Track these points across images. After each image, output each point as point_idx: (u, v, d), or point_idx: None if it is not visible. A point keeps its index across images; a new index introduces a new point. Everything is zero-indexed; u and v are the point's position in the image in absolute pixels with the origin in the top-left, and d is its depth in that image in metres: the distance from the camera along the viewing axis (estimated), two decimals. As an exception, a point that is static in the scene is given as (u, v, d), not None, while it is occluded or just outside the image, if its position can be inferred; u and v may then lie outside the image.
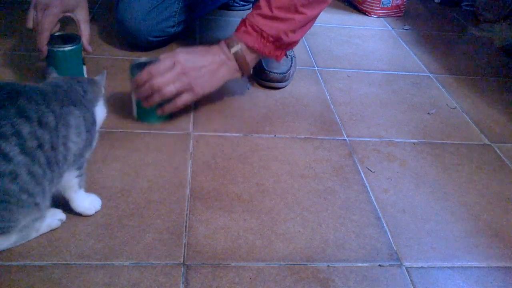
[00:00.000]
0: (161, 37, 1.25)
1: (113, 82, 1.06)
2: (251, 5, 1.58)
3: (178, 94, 0.92)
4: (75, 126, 0.66)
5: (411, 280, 0.71)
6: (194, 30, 1.42)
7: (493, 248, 0.78)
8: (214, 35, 1.42)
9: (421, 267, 0.74)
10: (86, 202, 0.74)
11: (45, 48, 0.97)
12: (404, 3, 1.76)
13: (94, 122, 0.73)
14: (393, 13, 1.75)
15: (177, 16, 1.25)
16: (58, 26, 1.02)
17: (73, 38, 1.01)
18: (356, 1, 1.78)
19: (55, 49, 0.98)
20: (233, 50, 0.95)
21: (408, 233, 0.79)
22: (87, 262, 0.67)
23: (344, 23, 1.64)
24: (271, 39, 0.95)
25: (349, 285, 0.69)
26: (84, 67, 1.05)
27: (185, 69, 0.91)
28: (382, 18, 1.73)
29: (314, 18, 1.00)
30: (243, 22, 0.97)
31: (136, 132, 0.95)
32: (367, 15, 1.74)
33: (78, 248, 0.69)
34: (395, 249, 0.76)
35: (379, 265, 0.73)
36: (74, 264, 0.67)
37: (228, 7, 1.59)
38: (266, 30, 0.94)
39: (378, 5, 1.71)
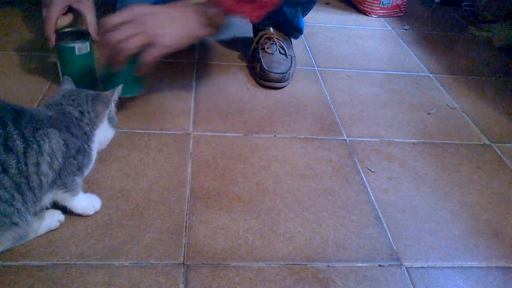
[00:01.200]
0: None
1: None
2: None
3: (143, 49, 0.85)
4: (48, 153, 0.63)
5: (411, 280, 0.71)
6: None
7: (493, 248, 0.78)
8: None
9: (421, 267, 0.74)
10: (85, 202, 0.74)
11: (52, 36, 0.96)
12: (404, 3, 1.76)
13: (82, 149, 0.69)
14: (393, 13, 1.75)
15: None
16: (68, 20, 1.01)
17: (83, 34, 0.99)
18: (356, 1, 1.78)
19: (63, 44, 0.96)
20: (193, 1, 0.87)
21: (408, 233, 0.79)
22: (87, 262, 0.67)
23: (344, 23, 1.64)
24: None
25: (349, 285, 0.69)
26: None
27: (140, 17, 0.84)
28: (382, 18, 1.73)
29: None
30: None
31: (136, 132, 0.95)
32: (367, 15, 1.74)
33: (78, 248, 0.69)
34: (395, 249, 0.76)
35: (379, 265, 0.73)
36: (74, 264, 0.67)
37: (228, 7, 1.58)
38: None
39: (378, 5, 1.71)
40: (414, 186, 0.90)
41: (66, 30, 1.00)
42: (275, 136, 1.00)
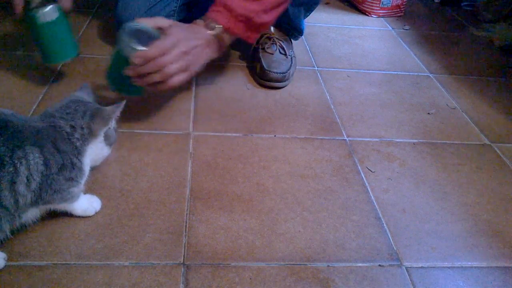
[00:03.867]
0: (161, 36, 1.25)
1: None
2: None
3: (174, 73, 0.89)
4: (25, 174, 0.61)
5: (411, 280, 0.71)
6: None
7: (493, 248, 0.78)
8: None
9: (421, 267, 0.74)
10: (85, 205, 0.74)
11: (18, 2, 0.90)
12: (404, 3, 1.76)
13: (68, 164, 0.67)
14: (393, 13, 1.75)
15: (175, 15, 1.25)
16: None
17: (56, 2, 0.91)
18: (356, 1, 1.78)
19: (32, 13, 0.88)
20: (214, 32, 0.93)
21: (408, 233, 0.79)
22: (87, 262, 0.67)
23: (344, 23, 1.64)
24: (241, 18, 0.93)
25: (349, 285, 0.69)
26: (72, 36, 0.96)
27: (188, 48, 0.88)
28: (382, 18, 1.73)
29: (285, 2, 0.98)
30: (215, 2, 0.94)
31: (136, 132, 0.95)
32: (367, 15, 1.74)
33: (78, 248, 0.69)
34: (395, 249, 0.76)
35: (379, 265, 0.73)
36: (74, 264, 0.67)
37: (228, 7, 1.58)
38: (238, 10, 0.93)
39: (378, 5, 1.71)
40: (414, 186, 0.90)
41: None
42: (275, 136, 1.00)
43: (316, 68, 1.30)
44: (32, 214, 0.67)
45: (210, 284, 0.66)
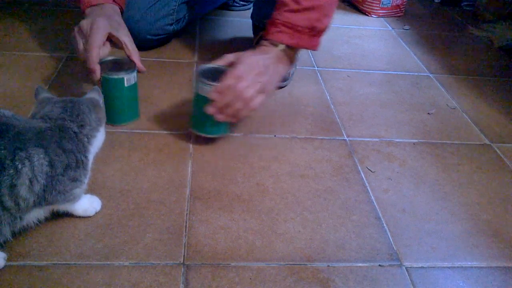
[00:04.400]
0: (160, 35, 1.25)
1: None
2: (251, 5, 1.58)
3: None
4: (28, 176, 0.61)
5: (411, 280, 0.71)
6: (194, 30, 1.42)
7: (493, 248, 0.78)
8: (214, 35, 1.42)
9: (421, 267, 0.74)
10: (86, 205, 0.74)
11: (97, 67, 0.88)
12: (404, 3, 1.76)
13: (74, 162, 0.67)
14: (393, 13, 1.75)
15: (175, 14, 1.25)
16: (107, 50, 0.93)
17: (125, 64, 0.92)
18: (356, 1, 1.78)
19: (111, 77, 0.89)
20: (280, 47, 0.93)
21: (408, 233, 0.79)
22: (87, 262, 0.67)
23: (344, 23, 1.64)
24: (306, 30, 0.92)
25: (349, 285, 0.69)
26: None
27: (261, 68, 0.87)
28: (382, 18, 1.73)
29: None
30: (272, 23, 0.93)
31: (136, 132, 0.95)
32: (367, 15, 1.74)
33: (78, 248, 0.69)
34: (395, 249, 0.76)
35: (379, 265, 0.73)
36: (74, 264, 0.67)
37: (228, 7, 1.59)
38: (300, 24, 0.91)
39: (378, 5, 1.71)
40: (414, 186, 0.90)
41: (108, 59, 0.93)
42: (275, 136, 1.00)
43: (316, 68, 1.30)
44: (34, 215, 0.67)
45: (210, 284, 0.66)
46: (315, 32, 0.94)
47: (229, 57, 0.90)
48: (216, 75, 0.86)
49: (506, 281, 0.73)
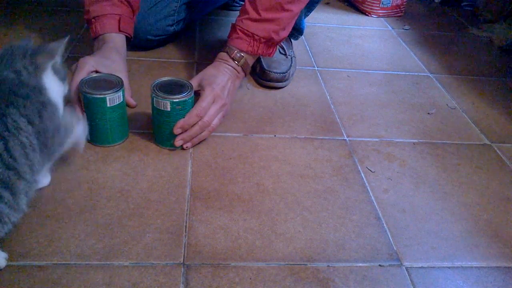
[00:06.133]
0: (160, 36, 1.25)
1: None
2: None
3: None
4: (25, 137, 0.62)
5: (411, 280, 0.71)
6: (194, 30, 1.42)
7: (493, 248, 0.78)
8: (214, 35, 1.42)
9: (421, 267, 0.74)
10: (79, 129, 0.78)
11: (78, 105, 0.88)
12: (404, 3, 1.76)
13: (41, 110, 0.66)
14: (393, 13, 1.75)
15: (176, 15, 1.25)
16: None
17: (114, 82, 0.87)
18: (356, 1, 1.78)
19: (91, 96, 0.83)
20: (241, 62, 0.99)
21: (408, 233, 0.79)
22: (87, 262, 0.67)
23: (344, 23, 1.64)
24: (263, 40, 0.98)
25: (349, 285, 0.69)
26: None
27: (224, 100, 0.94)
28: (382, 18, 1.73)
29: (299, 12, 1.02)
30: (234, 28, 1.00)
31: (136, 132, 0.95)
32: (367, 15, 1.74)
33: (78, 248, 0.69)
34: (395, 249, 0.76)
35: (379, 265, 0.73)
36: (74, 264, 0.67)
37: (228, 7, 1.59)
38: (258, 33, 0.97)
39: (378, 5, 1.71)
40: (414, 186, 0.90)
41: (96, 76, 0.89)
42: (275, 136, 1.00)
43: (316, 68, 1.30)
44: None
45: (210, 284, 0.66)
46: (271, 43, 1.00)
47: (193, 82, 0.93)
48: (171, 88, 0.88)
49: (506, 281, 0.73)
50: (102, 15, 1.02)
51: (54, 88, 0.71)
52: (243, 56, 0.99)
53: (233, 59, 0.99)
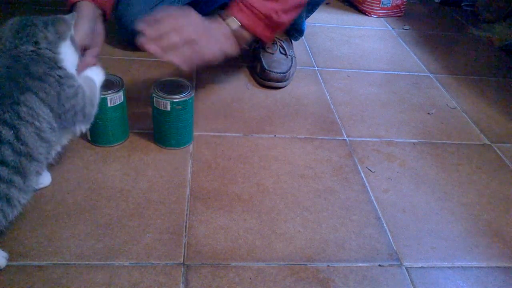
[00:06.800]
0: (161, 37, 1.25)
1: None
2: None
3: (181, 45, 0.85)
4: (39, 122, 0.63)
5: (411, 280, 0.71)
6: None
7: (493, 248, 0.78)
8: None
9: (421, 267, 0.74)
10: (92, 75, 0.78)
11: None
12: (404, 3, 1.76)
13: (58, 89, 0.66)
14: (393, 13, 1.75)
15: (177, 15, 1.25)
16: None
17: (114, 83, 0.88)
18: (356, 1, 1.78)
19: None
20: (233, 27, 0.93)
21: (408, 233, 0.79)
22: (87, 262, 0.67)
23: (344, 23, 1.64)
24: (261, 16, 0.94)
25: (349, 285, 0.69)
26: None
27: (204, 27, 0.88)
28: (382, 18, 1.73)
29: (305, 3, 1.00)
30: (235, 2, 0.95)
31: (136, 132, 0.95)
32: (367, 15, 1.74)
33: (78, 248, 0.69)
34: (395, 249, 0.76)
35: (379, 265, 0.73)
36: (74, 264, 0.67)
37: (228, 7, 1.58)
38: (258, 7, 0.94)
39: (378, 5, 1.71)
40: (414, 186, 0.90)
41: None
42: (275, 136, 1.00)
43: (316, 68, 1.30)
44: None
45: (210, 284, 0.66)
46: (270, 23, 0.95)
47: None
48: (172, 88, 0.87)
49: (506, 281, 0.73)
50: None
51: (70, 58, 0.72)
52: (237, 23, 0.93)
53: (226, 23, 0.93)
